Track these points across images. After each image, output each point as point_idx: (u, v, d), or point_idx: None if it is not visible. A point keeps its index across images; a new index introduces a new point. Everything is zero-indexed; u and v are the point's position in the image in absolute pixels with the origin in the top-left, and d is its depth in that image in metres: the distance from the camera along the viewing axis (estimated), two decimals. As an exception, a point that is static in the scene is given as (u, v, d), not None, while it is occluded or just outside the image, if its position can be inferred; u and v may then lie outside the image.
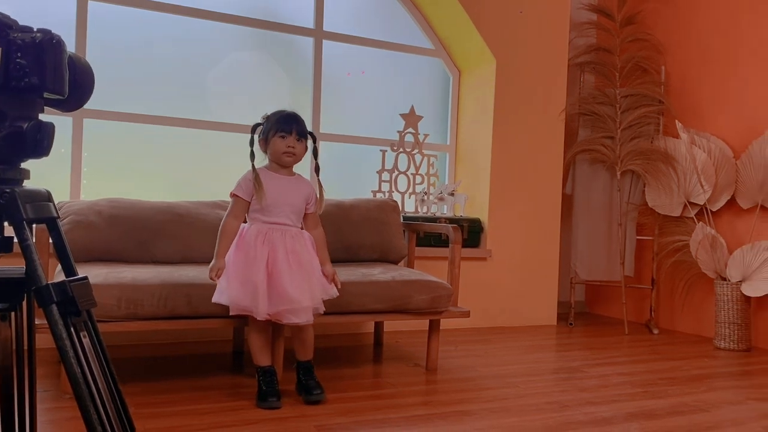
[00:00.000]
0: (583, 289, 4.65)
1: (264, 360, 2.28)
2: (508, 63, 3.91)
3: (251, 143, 2.28)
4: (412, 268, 3.23)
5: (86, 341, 0.88)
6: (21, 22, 0.90)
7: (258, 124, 2.32)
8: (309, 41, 3.69)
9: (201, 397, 2.28)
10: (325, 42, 3.71)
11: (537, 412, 2.26)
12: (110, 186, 3.20)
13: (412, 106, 3.84)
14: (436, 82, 4.13)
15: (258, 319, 2.20)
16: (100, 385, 0.87)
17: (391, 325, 3.45)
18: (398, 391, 2.47)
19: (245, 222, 2.32)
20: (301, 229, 2.35)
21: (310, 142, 2.33)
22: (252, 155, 2.27)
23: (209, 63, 3.47)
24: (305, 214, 2.35)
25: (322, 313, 2.30)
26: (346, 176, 3.79)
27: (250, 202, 2.27)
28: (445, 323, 3.50)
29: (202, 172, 3.48)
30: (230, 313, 2.24)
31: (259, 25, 3.55)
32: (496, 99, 3.87)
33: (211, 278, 2.23)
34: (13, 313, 1.02)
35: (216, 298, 2.23)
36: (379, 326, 3.32)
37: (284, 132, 2.25)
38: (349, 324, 3.46)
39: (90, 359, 0.87)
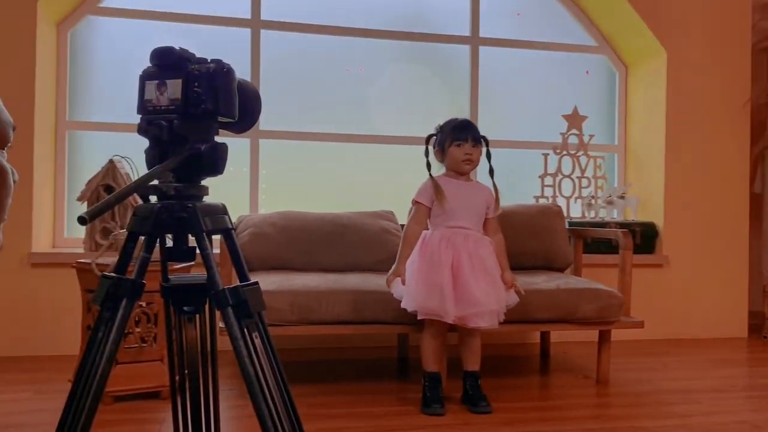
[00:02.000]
0: (780, 299, 4.16)
1: (433, 366, 2.30)
2: (681, 54, 3.62)
3: (426, 154, 2.34)
4: (579, 276, 3.10)
5: (258, 341, 0.95)
6: (202, 54, 1.01)
7: (432, 135, 2.38)
8: (465, 49, 3.70)
9: (367, 400, 2.36)
10: (481, 48, 3.69)
11: (724, 431, 2.06)
12: (284, 200, 3.44)
13: (575, 107, 3.70)
14: (601, 79, 3.94)
15: (447, 321, 2.19)
16: (270, 383, 0.94)
17: (558, 335, 3.33)
18: (567, 403, 2.37)
19: (427, 228, 2.36)
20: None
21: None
22: (428, 165, 2.34)
23: (369, 79, 3.61)
24: (485, 219, 2.36)
25: (502, 321, 2.26)
26: (507, 182, 3.71)
27: (431, 208, 2.32)
28: (617, 334, 3.31)
29: (365, 183, 3.62)
30: (418, 318, 2.26)
31: (414, 38, 3.63)
32: (668, 93, 3.61)
33: (388, 281, 2.28)
34: (197, 316, 1.14)
35: (404, 303, 2.27)
36: (545, 336, 3.22)
37: (460, 140, 2.29)
38: (514, 333, 3.39)
39: (261, 358, 0.94)
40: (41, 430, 1.93)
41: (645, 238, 3.60)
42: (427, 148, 2.35)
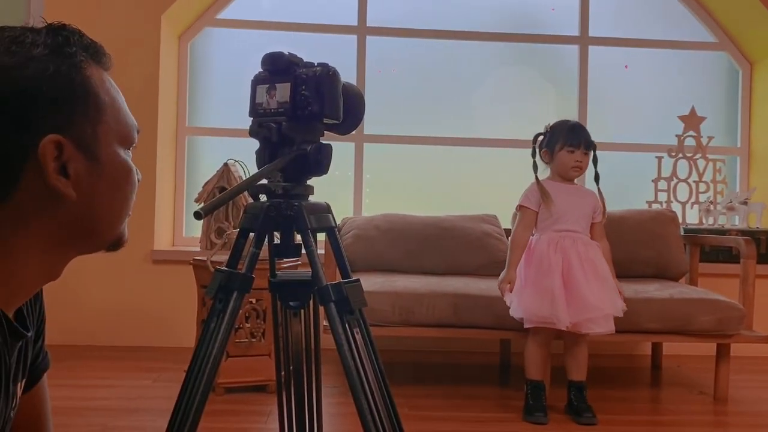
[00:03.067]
0: None
1: (536, 374, 2.24)
2: (815, 48, 3.34)
3: (533, 154, 2.30)
4: (695, 285, 2.92)
5: (358, 337, 0.97)
6: (311, 58, 1.05)
7: (539, 134, 2.32)
8: (573, 49, 3.59)
9: (468, 405, 2.34)
10: (591, 48, 3.57)
11: None
12: (388, 202, 3.48)
13: (693, 107, 3.49)
14: (721, 78, 3.70)
15: (560, 328, 2.12)
16: (370, 377, 0.95)
17: (671, 347, 3.15)
18: (679, 419, 2.24)
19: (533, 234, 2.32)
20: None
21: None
22: (535, 166, 2.29)
23: (475, 82, 3.59)
24: (592, 224, 2.29)
25: (613, 331, 2.16)
26: (617, 186, 3.57)
27: (537, 213, 2.27)
28: (737, 349, 3.08)
29: (468, 187, 3.59)
30: (525, 326, 2.20)
31: (521, 39, 3.56)
32: (799, 91, 3.33)
33: (500, 289, 2.23)
34: (302, 312, 1.18)
35: (513, 311, 2.21)
36: (657, 348, 3.06)
37: (573, 146, 2.22)
38: (623, 344, 3.25)
39: (362, 353, 0.96)
40: (158, 415, 2.07)
41: (771, 247, 3.33)
42: (534, 149, 2.30)
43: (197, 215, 0.81)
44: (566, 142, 2.22)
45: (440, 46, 3.56)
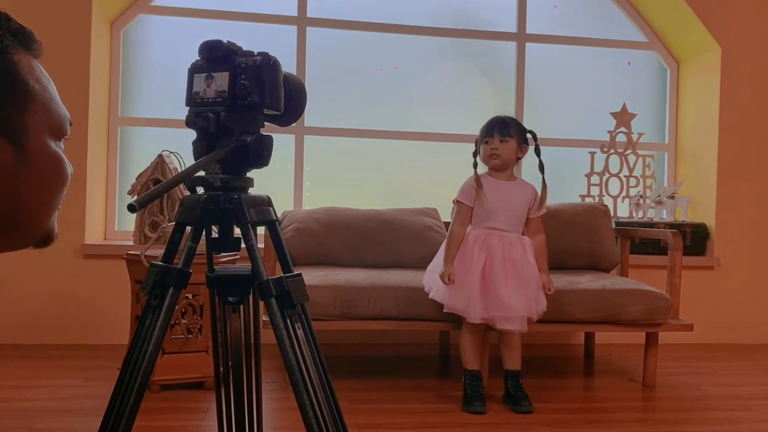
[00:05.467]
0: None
1: (472, 363, 2.29)
2: (736, 49, 3.51)
3: (474, 155, 2.35)
4: (626, 276, 3.03)
5: (300, 332, 0.96)
6: (249, 49, 1.02)
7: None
8: (511, 45, 3.65)
9: (408, 396, 2.36)
10: (528, 45, 3.65)
11: (777, 441, 1.99)
12: (328, 196, 3.46)
13: (624, 104, 3.62)
14: (651, 76, 3.85)
15: (472, 321, 2.22)
16: (312, 374, 0.94)
17: (603, 336, 3.26)
18: (611, 406, 2.33)
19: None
20: (523, 234, 2.34)
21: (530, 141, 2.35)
22: (475, 164, 2.34)
23: (414, 76, 3.60)
24: (527, 219, 2.33)
25: (535, 321, 2.28)
26: (552, 181, 3.64)
27: (473, 207, 2.31)
28: (665, 337, 3.22)
29: (408, 180, 3.61)
30: (444, 311, 2.30)
31: (460, 34, 3.60)
32: (722, 90, 3.50)
33: (444, 284, 2.28)
34: (242, 307, 1.16)
35: (432, 294, 2.31)
36: (590, 337, 3.17)
37: (488, 136, 2.31)
38: (557, 334, 3.34)
39: (303, 349, 0.95)
40: (89, 415, 1.99)
41: (696, 239, 3.50)
42: (475, 150, 2.37)
43: (131, 208, 0.78)
44: (482, 136, 2.32)
45: (381, 40, 3.56)
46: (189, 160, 0.96)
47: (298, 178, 3.46)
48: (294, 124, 1.08)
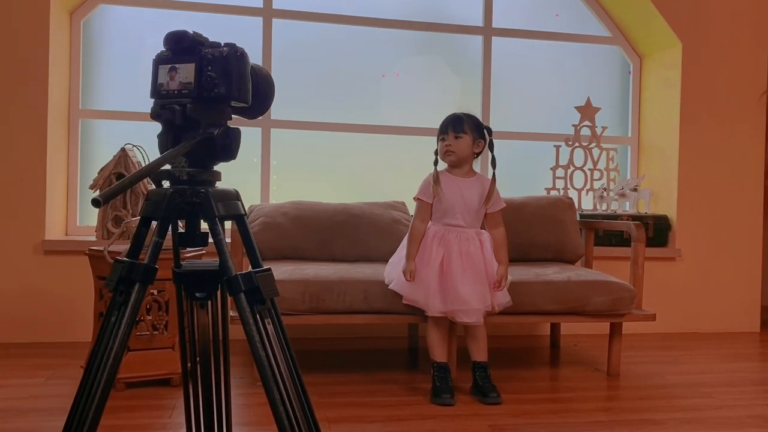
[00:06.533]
0: (794, 294, 4.12)
1: (439, 355, 2.31)
2: (696, 45, 3.58)
3: (435, 153, 2.37)
4: (590, 268, 3.08)
5: (270, 327, 0.95)
6: (213, 39, 1.00)
7: None
8: (477, 39, 3.67)
9: (378, 390, 2.36)
10: (494, 39, 3.67)
11: (736, 426, 2.05)
12: (296, 189, 3.43)
13: (588, 98, 3.67)
14: (614, 71, 3.91)
15: (431, 314, 2.27)
16: (282, 369, 0.94)
17: (568, 327, 3.32)
18: (576, 396, 2.36)
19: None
20: (482, 229, 2.35)
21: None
22: (435, 161, 2.36)
23: (381, 69, 3.59)
24: (486, 213, 2.35)
25: (497, 312, 2.31)
26: (518, 174, 3.71)
27: (432, 204, 2.32)
28: (629, 327, 3.29)
29: (376, 174, 3.61)
30: (403, 302, 2.33)
31: (427, 27, 3.60)
32: (683, 85, 3.57)
33: (407, 280, 2.31)
34: (209, 303, 1.14)
35: (392, 286, 2.35)
36: (555, 328, 3.21)
37: (442, 134, 2.34)
38: (523, 325, 3.38)
39: (273, 343, 0.94)
40: (54, 416, 1.95)
41: (658, 231, 3.57)
42: (436, 148, 2.38)
43: (95, 202, 0.76)
44: (438, 133, 2.35)
45: (348, 32, 3.54)
46: (153, 154, 0.94)
47: (265, 172, 3.43)
48: (260, 117, 1.06)
